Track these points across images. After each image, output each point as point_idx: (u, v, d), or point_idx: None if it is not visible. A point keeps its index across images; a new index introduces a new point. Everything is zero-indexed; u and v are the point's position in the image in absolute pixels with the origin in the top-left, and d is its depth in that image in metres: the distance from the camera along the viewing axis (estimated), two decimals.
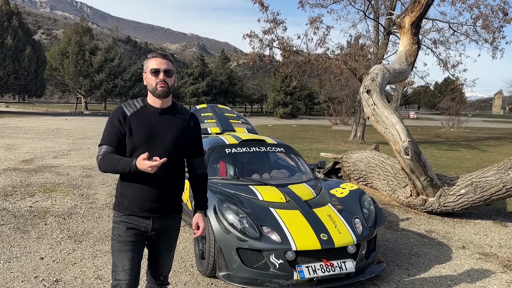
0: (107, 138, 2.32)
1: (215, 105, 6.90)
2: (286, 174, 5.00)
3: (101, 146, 2.33)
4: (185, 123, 2.44)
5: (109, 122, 2.34)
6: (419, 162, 5.70)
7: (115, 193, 2.46)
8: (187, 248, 4.70)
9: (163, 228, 2.43)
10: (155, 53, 2.40)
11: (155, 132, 2.32)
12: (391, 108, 5.70)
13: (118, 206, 2.38)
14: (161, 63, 2.32)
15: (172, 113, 2.41)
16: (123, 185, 2.36)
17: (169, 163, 2.30)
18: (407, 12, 6.64)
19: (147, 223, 2.37)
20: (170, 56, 2.43)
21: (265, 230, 3.63)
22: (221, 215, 3.75)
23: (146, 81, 2.37)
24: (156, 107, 2.36)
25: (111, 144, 2.30)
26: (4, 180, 7.85)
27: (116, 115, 2.33)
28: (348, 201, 4.26)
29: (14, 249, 4.48)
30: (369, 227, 3.98)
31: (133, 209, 2.33)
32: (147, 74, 2.35)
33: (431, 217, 6.29)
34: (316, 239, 3.59)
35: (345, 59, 13.88)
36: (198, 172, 2.60)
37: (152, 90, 2.33)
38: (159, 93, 2.31)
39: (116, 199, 2.41)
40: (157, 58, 2.34)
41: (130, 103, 2.40)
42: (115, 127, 2.31)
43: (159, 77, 2.31)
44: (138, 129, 2.29)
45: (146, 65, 2.36)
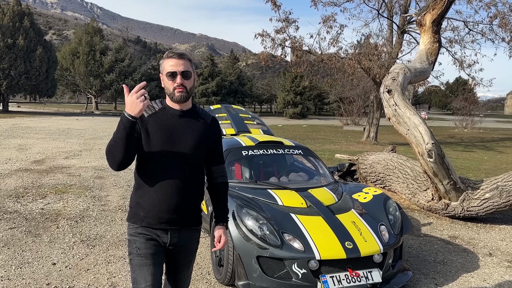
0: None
1: (229, 106, 6.74)
2: (305, 177, 4.82)
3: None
4: (206, 127, 2.24)
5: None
6: (443, 165, 5.48)
7: (129, 203, 2.25)
8: (202, 254, 4.54)
9: (182, 242, 2.22)
10: (171, 53, 2.16)
11: (174, 135, 2.12)
12: (413, 109, 5.48)
13: (133, 217, 2.17)
14: (177, 64, 2.10)
15: (193, 117, 2.21)
16: (139, 193, 2.15)
17: (189, 169, 2.14)
18: (428, 10, 6.42)
19: (165, 237, 2.17)
20: (188, 54, 2.19)
21: (287, 238, 3.46)
22: (240, 221, 3.58)
23: (163, 83, 2.17)
24: (176, 109, 2.17)
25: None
26: (16, 181, 7.77)
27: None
28: (372, 207, 4.06)
29: (26, 254, 4.36)
30: (396, 235, 3.78)
31: (150, 220, 2.12)
32: (163, 76, 2.15)
33: (454, 222, 6.06)
34: (341, 247, 3.40)
35: (359, 58, 13.63)
36: (218, 181, 2.38)
37: (169, 95, 2.14)
38: (177, 99, 2.12)
39: (131, 209, 2.20)
40: (173, 58, 2.11)
41: (149, 105, 2.18)
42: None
43: (176, 81, 2.09)
44: (156, 131, 2.10)
45: (162, 66, 2.14)
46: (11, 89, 35.53)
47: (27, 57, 34.43)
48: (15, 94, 43.32)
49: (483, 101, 44.49)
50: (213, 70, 52.60)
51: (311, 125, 32.28)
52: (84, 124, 24.20)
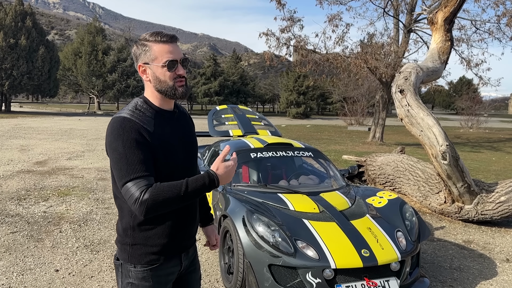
0: (140, 167, 1.54)
1: (235, 106, 6.59)
2: (315, 180, 4.65)
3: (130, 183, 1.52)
4: (191, 123, 1.93)
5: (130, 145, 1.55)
6: (457, 167, 5.31)
7: (126, 239, 1.72)
8: (210, 260, 4.38)
9: (190, 259, 1.90)
10: (160, 35, 1.65)
11: (177, 142, 1.72)
12: (426, 109, 5.31)
13: (145, 256, 1.68)
14: (176, 50, 1.65)
15: (181, 114, 1.85)
16: (146, 226, 1.67)
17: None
18: (440, 7, 6.24)
19: (177, 264, 1.80)
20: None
21: (300, 245, 3.30)
22: (250, 227, 3.43)
23: (151, 76, 1.66)
24: (168, 110, 1.75)
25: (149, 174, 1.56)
26: (18, 183, 7.63)
27: (135, 132, 1.57)
28: (387, 212, 3.90)
29: (28, 260, 4.22)
30: (413, 241, 3.61)
31: (168, 254, 1.72)
32: (153, 67, 1.64)
33: (467, 226, 5.89)
34: (357, 255, 3.24)
35: (366, 57, 13.45)
36: None
37: (167, 91, 1.66)
38: (181, 94, 1.67)
39: (135, 247, 1.69)
40: (169, 43, 1.64)
41: (136, 111, 1.65)
42: (145, 149, 1.57)
43: (178, 72, 1.65)
44: (169, 146, 1.66)
45: (151, 53, 1.64)
46: (13, 89, 35.47)
47: (29, 57, 34.35)
48: (17, 94, 43.29)
49: (487, 100, 44.18)
50: (215, 70, 52.44)
51: (315, 125, 32.09)
52: (87, 124, 24.08)
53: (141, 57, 1.67)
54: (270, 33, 14.48)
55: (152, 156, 1.59)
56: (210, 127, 5.88)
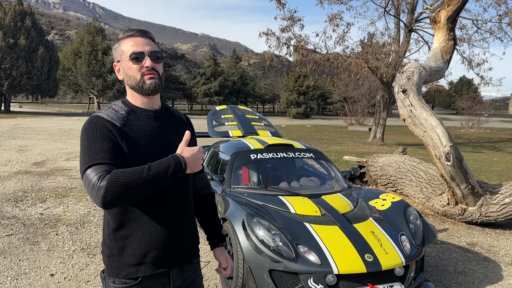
0: (100, 155, 1.45)
1: (235, 106, 6.48)
2: (317, 182, 4.55)
3: (90, 169, 1.43)
4: (185, 127, 1.76)
5: (94, 137, 1.49)
6: (461, 168, 5.21)
7: (103, 250, 1.62)
8: (209, 264, 4.28)
9: (187, 283, 1.71)
10: (130, 31, 1.60)
11: (158, 144, 1.60)
12: (430, 110, 5.21)
13: (122, 270, 1.55)
14: (143, 43, 1.57)
15: (169, 116, 1.72)
16: (122, 233, 1.54)
17: (183, 185, 1.67)
18: (443, 6, 6.14)
19: (165, 282, 1.62)
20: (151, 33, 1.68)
21: (302, 250, 3.20)
22: (250, 231, 3.33)
23: (123, 73, 1.60)
24: (149, 109, 1.63)
25: (110, 161, 1.45)
26: (15, 184, 7.54)
27: (100, 126, 1.51)
28: (391, 215, 3.80)
29: (23, 264, 4.12)
30: (417, 245, 3.51)
31: (147, 267, 1.56)
32: (123, 63, 1.59)
33: (471, 228, 5.79)
34: (360, 260, 3.14)
35: (367, 57, 13.35)
36: (204, 192, 1.90)
37: (136, 85, 1.58)
38: (149, 87, 1.57)
39: (111, 259, 1.56)
40: (135, 37, 1.58)
41: (109, 110, 1.60)
42: (108, 140, 1.49)
43: (144, 64, 1.56)
44: (137, 145, 1.54)
45: (119, 50, 1.59)
46: (12, 89, 35.38)
47: (28, 57, 34.28)
48: (17, 94, 43.20)
49: (487, 100, 44.07)
50: (215, 70, 52.36)
51: (315, 125, 31.99)
52: None
53: (115, 56, 1.64)
54: (271, 32, 14.40)
55: (118, 149, 1.50)
56: (210, 128, 5.79)
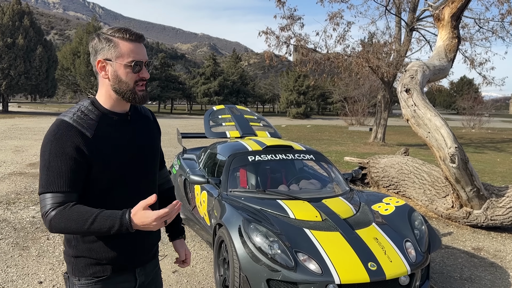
0: (57, 180, 1.42)
1: (233, 106, 6.30)
2: (317, 185, 4.37)
3: (45, 195, 1.43)
4: (154, 126, 1.76)
5: (56, 154, 1.43)
6: (466, 170, 5.04)
7: (69, 251, 1.60)
8: (205, 270, 4.11)
9: (149, 277, 1.74)
10: (127, 32, 1.51)
11: (129, 148, 1.56)
12: (434, 110, 5.04)
13: (88, 268, 1.56)
14: (142, 51, 1.52)
15: (139, 117, 1.68)
16: (91, 237, 1.54)
17: (152, 186, 1.69)
18: (447, 3, 5.97)
19: (132, 280, 1.65)
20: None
21: (301, 258, 3.02)
22: (247, 238, 3.15)
23: (111, 74, 1.50)
24: (120, 113, 1.58)
25: (65, 189, 1.42)
26: (8, 186, 7.37)
27: (69, 140, 1.43)
28: (395, 220, 3.62)
29: (11, 270, 3.95)
30: (423, 252, 3.34)
31: (115, 266, 1.58)
32: (116, 65, 1.49)
33: (476, 232, 5.62)
34: (363, 269, 2.97)
35: (367, 56, 13.17)
36: (166, 187, 1.93)
37: (126, 93, 1.51)
38: (140, 99, 1.54)
39: (78, 260, 1.56)
40: (135, 42, 1.51)
41: (77, 114, 1.50)
42: (70, 161, 1.43)
43: (141, 75, 1.52)
44: (106, 151, 1.49)
45: (116, 50, 1.49)
46: (10, 89, 35.19)
47: (27, 56, 34.08)
48: (15, 94, 43.03)
49: (488, 100, 43.89)
50: (215, 70, 52.17)
51: (315, 125, 31.81)
52: None
53: (103, 52, 1.51)
54: (270, 31, 14.22)
55: (83, 167, 1.46)
56: (206, 128, 5.61)
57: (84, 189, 1.49)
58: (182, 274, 4.02)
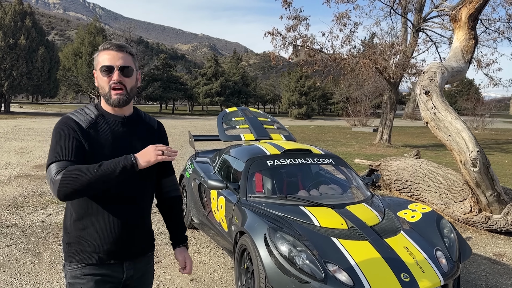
0: (63, 152, 1.62)
1: (246, 109, 6.18)
2: (338, 190, 4.25)
3: (50, 166, 1.61)
4: (156, 134, 1.92)
5: (60, 135, 1.66)
6: (487, 175, 4.93)
7: (65, 238, 1.79)
8: (223, 278, 4.00)
9: (138, 273, 1.88)
10: (107, 44, 1.76)
11: (120, 148, 1.72)
12: (454, 112, 4.93)
13: (77, 254, 1.73)
14: (115, 57, 1.71)
15: (138, 123, 1.86)
16: (81, 225, 1.73)
17: (142, 187, 1.82)
18: (464, 3, 5.86)
19: (119, 271, 1.79)
20: (129, 47, 1.79)
21: (331, 269, 2.90)
22: (274, 247, 3.03)
23: (97, 82, 1.76)
24: (117, 115, 1.78)
25: (71, 158, 1.61)
26: (15, 189, 7.26)
27: (67, 126, 1.68)
28: (423, 228, 3.50)
29: (24, 278, 3.84)
30: (454, 262, 3.22)
31: (101, 256, 1.73)
32: (97, 73, 1.74)
33: (495, 237, 5.51)
34: (396, 280, 2.85)
35: (375, 57, 13.05)
36: (172, 195, 2.04)
37: (105, 96, 1.73)
38: (114, 102, 1.72)
39: (69, 246, 1.75)
40: (110, 50, 1.72)
41: (80, 112, 1.76)
42: (72, 139, 1.65)
43: (112, 77, 1.70)
44: (98, 146, 1.69)
45: (96, 60, 1.76)
46: (12, 90, 35.06)
47: (29, 57, 33.94)
48: (17, 94, 42.90)
49: (492, 100, 43.73)
50: (216, 70, 52.02)
51: (318, 126, 31.69)
52: None
53: (94, 64, 1.77)
54: (276, 32, 14.10)
55: (81, 147, 1.64)
56: (220, 131, 5.49)
57: None
58: (201, 282, 3.91)
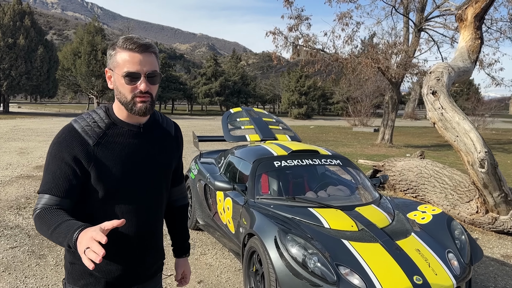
0: (50, 183, 1.41)
1: (250, 109, 6.14)
2: (346, 192, 4.21)
3: (41, 195, 1.42)
4: (173, 142, 1.68)
5: (55, 157, 1.42)
6: (495, 176, 4.90)
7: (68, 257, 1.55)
8: (231, 281, 3.96)
9: None
10: (130, 42, 1.42)
11: (136, 163, 1.50)
12: (462, 113, 4.90)
13: (82, 278, 1.51)
14: (142, 62, 1.41)
15: (156, 130, 1.60)
16: None
17: (157, 202, 1.60)
18: (470, 3, 5.83)
19: None
20: (154, 45, 1.47)
21: (343, 272, 2.87)
22: (284, 250, 3.00)
23: (114, 85, 1.47)
24: (132, 124, 1.52)
25: (57, 193, 1.40)
26: (17, 190, 7.21)
27: (67, 146, 1.42)
28: (434, 230, 3.47)
29: (29, 281, 3.80)
30: (466, 264, 3.19)
31: (110, 281, 1.52)
32: (115, 75, 1.44)
33: (501, 238, 5.48)
34: (409, 283, 2.81)
35: (377, 57, 13.02)
36: (178, 204, 1.86)
37: (126, 104, 1.45)
38: (139, 111, 1.45)
39: (73, 266, 1.51)
40: (135, 52, 1.40)
41: (87, 119, 1.48)
42: (65, 166, 1.41)
43: (139, 86, 1.41)
44: (110, 164, 1.45)
45: (114, 59, 1.43)
46: (11, 90, 34.94)
47: (28, 57, 33.83)
48: (16, 94, 42.77)
49: (491, 100, 43.71)
50: (216, 70, 51.94)
51: (318, 126, 31.65)
52: None
53: (109, 60, 1.48)
54: (278, 31, 14.06)
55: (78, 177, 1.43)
56: (225, 132, 5.45)
57: (84, 197, 1.46)
58: (208, 284, 3.87)
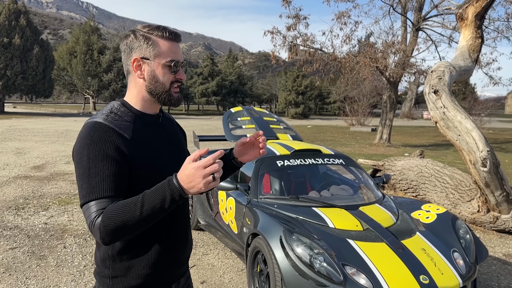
0: (99, 187, 1.28)
1: (251, 108, 6.11)
2: (349, 191, 4.20)
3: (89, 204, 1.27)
4: (178, 129, 1.69)
5: (96, 158, 1.30)
6: (497, 175, 4.89)
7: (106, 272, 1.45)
8: (234, 281, 3.93)
9: None
10: (168, 30, 1.42)
11: (165, 153, 1.49)
12: (464, 112, 4.89)
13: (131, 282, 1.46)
14: (180, 51, 1.46)
15: (166, 120, 1.61)
16: (129, 254, 1.42)
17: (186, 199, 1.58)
18: (471, 2, 5.83)
19: None
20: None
21: (349, 271, 2.85)
22: (290, 250, 2.97)
23: (148, 74, 1.41)
24: (152, 114, 1.49)
25: (110, 194, 1.29)
26: (15, 191, 7.15)
27: (107, 142, 1.32)
28: (439, 229, 3.46)
29: (31, 282, 3.76)
30: (471, 263, 3.18)
31: (154, 284, 1.49)
32: (153, 64, 1.40)
33: (503, 237, 5.48)
34: (415, 283, 2.80)
35: (376, 57, 13.03)
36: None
37: (161, 94, 1.42)
38: (175, 101, 1.45)
39: (115, 280, 1.43)
40: (174, 41, 1.43)
41: (113, 115, 1.41)
42: (112, 164, 1.31)
43: (178, 76, 1.43)
44: (145, 157, 1.40)
45: (155, 48, 1.40)
46: (7, 90, 34.75)
47: (23, 56, 33.65)
48: (11, 94, 42.52)
49: (481, 100, 43.91)
50: (213, 70, 51.87)
51: (316, 126, 31.65)
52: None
53: (140, 50, 1.41)
54: (276, 31, 14.04)
55: (125, 170, 1.34)
56: (226, 131, 5.42)
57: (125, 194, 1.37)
58: (211, 285, 3.84)
